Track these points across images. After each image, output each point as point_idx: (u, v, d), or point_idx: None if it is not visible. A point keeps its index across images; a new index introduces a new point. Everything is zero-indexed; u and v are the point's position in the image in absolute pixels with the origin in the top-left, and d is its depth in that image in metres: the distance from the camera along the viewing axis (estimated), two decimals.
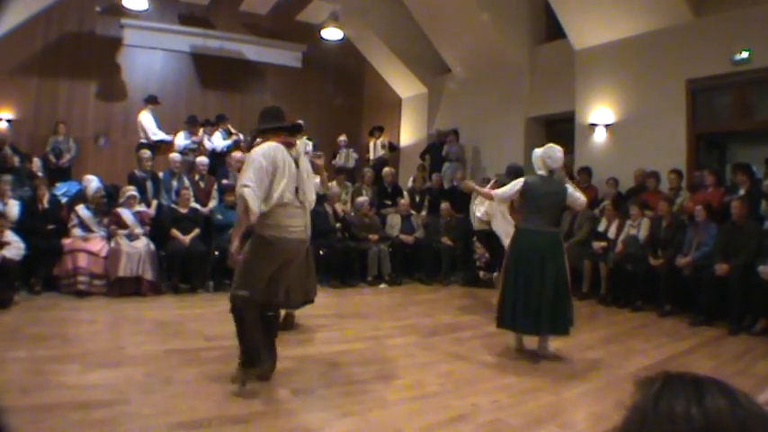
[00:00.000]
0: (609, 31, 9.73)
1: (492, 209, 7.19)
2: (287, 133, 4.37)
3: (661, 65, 9.15)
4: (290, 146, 4.29)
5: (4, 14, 9.49)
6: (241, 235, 4.17)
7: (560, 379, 4.69)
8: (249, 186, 3.97)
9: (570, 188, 5.53)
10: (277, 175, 4.11)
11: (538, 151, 5.62)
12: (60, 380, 4.15)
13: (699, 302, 7.10)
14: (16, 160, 9.15)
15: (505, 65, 11.74)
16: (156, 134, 10.35)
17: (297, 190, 4.24)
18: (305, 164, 4.37)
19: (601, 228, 8.75)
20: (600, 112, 10.06)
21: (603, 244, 8.42)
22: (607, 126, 9.98)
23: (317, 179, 4.79)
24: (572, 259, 8.51)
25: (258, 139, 4.53)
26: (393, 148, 13.26)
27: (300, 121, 4.95)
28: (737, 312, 6.66)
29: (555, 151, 5.52)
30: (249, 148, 5.22)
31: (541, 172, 5.55)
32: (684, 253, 7.46)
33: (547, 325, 5.18)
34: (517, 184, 5.57)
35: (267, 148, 4.14)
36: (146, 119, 10.42)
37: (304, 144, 5.54)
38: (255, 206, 3.98)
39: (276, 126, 4.35)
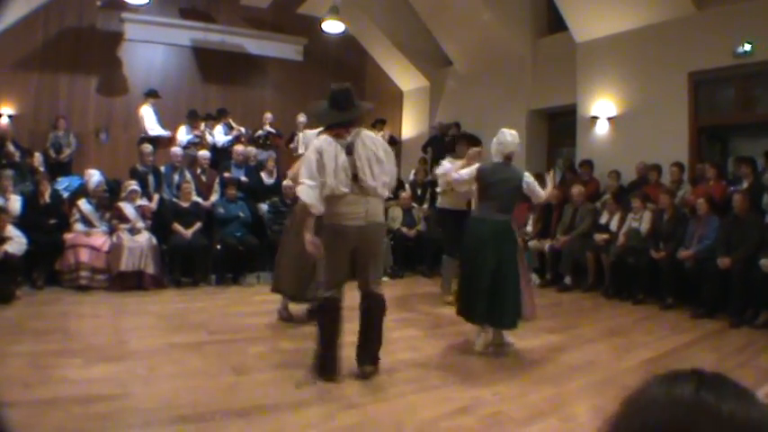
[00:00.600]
0: (611, 23, 9.69)
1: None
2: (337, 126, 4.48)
3: (663, 57, 9.11)
4: (339, 136, 4.40)
5: (4, 13, 9.49)
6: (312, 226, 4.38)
7: (562, 371, 4.69)
8: (303, 183, 4.25)
9: (529, 178, 5.38)
10: (326, 167, 4.25)
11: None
12: (62, 374, 4.16)
13: (700, 295, 7.09)
14: (17, 155, 9.16)
15: (507, 57, 11.70)
16: (153, 129, 10.33)
17: (355, 177, 4.30)
18: (366, 150, 4.38)
19: (602, 220, 8.74)
20: (602, 105, 10.03)
21: (605, 236, 8.42)
22: (609, 119, 9.95)
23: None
24: (575, 252, 8.58)
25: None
26: (394, 142, 13.23)
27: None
28: (739, 305, 6.65)
29: (506, 136, 5.44)
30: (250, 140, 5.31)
31: (497, 159, 5.45)
32: (686, 246, 7.44)
33: (491, 316, 5.07)
34: (472, 170, 5.49)
35: (318, 143, 4.40)
36: (146, 113, 10.41)
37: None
38: (311, 200, 4.21)
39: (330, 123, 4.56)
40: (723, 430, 0.75)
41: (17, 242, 6.86)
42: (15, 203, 7.68)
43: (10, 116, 11.29)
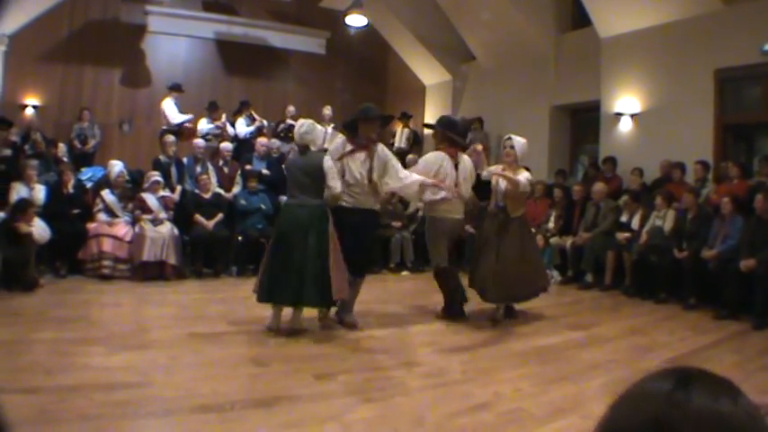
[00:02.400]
0: (636, 19, 9.57)
1: None
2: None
3: (689, 54, 8.99)
4: (452, 156, 6.14)
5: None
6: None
7: (583, 369, 4.65)
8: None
9: (327, 164, 5.39)
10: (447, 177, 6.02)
11: None
12: (85, 361, 4.20)
13: (723, 296, 6.95)
14: (43, 146, 9.26)
15: (531, 53, 11.62)
16: (176, 118, 10.35)
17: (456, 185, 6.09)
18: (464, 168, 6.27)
19: (623, 219, 8.64)
20: (626, 102, 9.92)
21: (627, 235, 8.32)
22: (633, 116, 9.84)
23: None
24: (596, 249, 8.51)
25: None
26: (417, 140, 13.16)
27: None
28: (763, 307, 6.51)
29: (300, 126, 5.55)
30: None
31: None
32: (710, 246, 7.32)
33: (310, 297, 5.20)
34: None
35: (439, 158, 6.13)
36: (168, 106, 10.45)
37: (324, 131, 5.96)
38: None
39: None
40: (691, 424, 0.75)
41: (41, 230, 6.95)
42: (40, 193, 7.77)
43: (35, 107, 11.43)
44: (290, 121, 11.24)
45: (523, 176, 6.16)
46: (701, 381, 0.81)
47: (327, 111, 11.31)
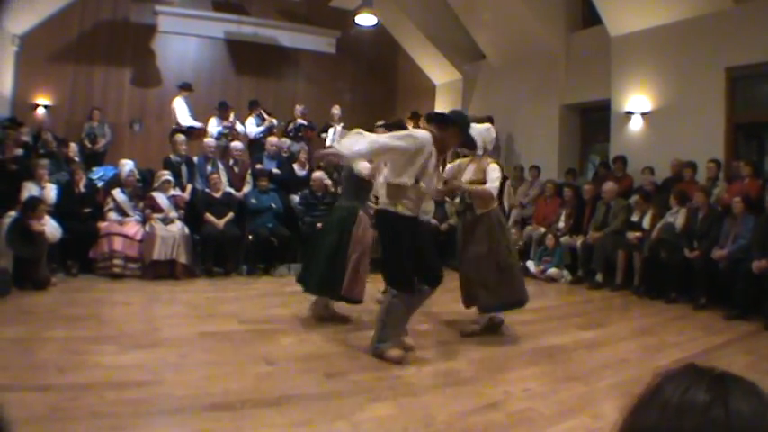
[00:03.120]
0: (646, 17, 9.52)
1: None
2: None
3: (700, 52, 8.93)
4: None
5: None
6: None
7: (593, 369, 4.63)
8: None
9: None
10: None
11: None
12: (96, 360, 4.22)
13: (734, 296, 6.91)
14: (54, 145, 9.31)
15: (541, 51, 11.59)
16: (186, 121, 10.40)
17: None
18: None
19: (634, 218, 8.59)
20: (636, 101, 9.88)
21: (638, 234, 8.28)
22: (643, 114, 9.80)
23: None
24: (607, 249, 8.48)
25: None
26: None
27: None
28: None
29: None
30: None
31: None
32: (721, 245, 7.28)
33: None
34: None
35: None
36: (178, 105, 10.49)
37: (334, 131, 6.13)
38: None
39: None
40: None
41: (52, 229, 7.00)
42: (51, 192, 7.82)
43: (47, 107, 11.49)
44: (299, 121, 11.26)
45: (492, 175, 5.40)
46: (736, 390, 0.81)
47: (336, 110, 11.33)
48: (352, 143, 4.40)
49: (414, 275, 4.60)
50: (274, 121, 11.03)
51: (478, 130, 5.37)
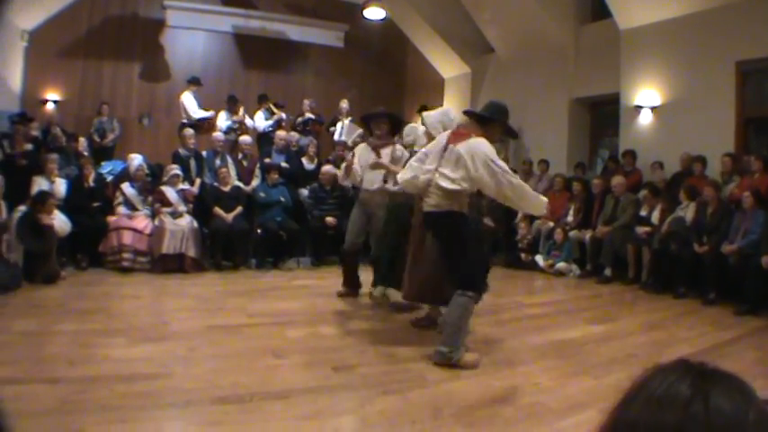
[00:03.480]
0: (656, 10, 9.46)
1: None
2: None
3: (710, 46, 8.87)
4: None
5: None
6: None
7: (602, 363, 4.62)
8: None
9: None
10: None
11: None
12: (106, 353, 4.24)
13: (744, 291, 6.85)
14: (63, 140, 9.35)
15: (550, 45, 11.55)
16: (197, 113, 10.41)
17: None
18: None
19: (643, 212, 8.56)
20: (646, 94, 9.83)
21: (647, 229, 8.25)
22: (653, 108, 9.75)
23: None
24: (615, 243, 8.45)
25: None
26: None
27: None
28: None
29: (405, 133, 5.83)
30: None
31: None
32: (731, 240, 7.24)
33: None
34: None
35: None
36: (187, 99, 10.50)
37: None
38: None
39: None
40: None
41: (62, 223, 7.04)
42: (60, 186, 7.86)
43: (56, 102, 11.53)
44: (308, 115, 11.26)
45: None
46: (718, 386, 0.80)
47: (344, 104, 11.34)
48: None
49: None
50: (283, 114, 11.03)
51: (435, 117, 5.42)
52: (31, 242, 6.70)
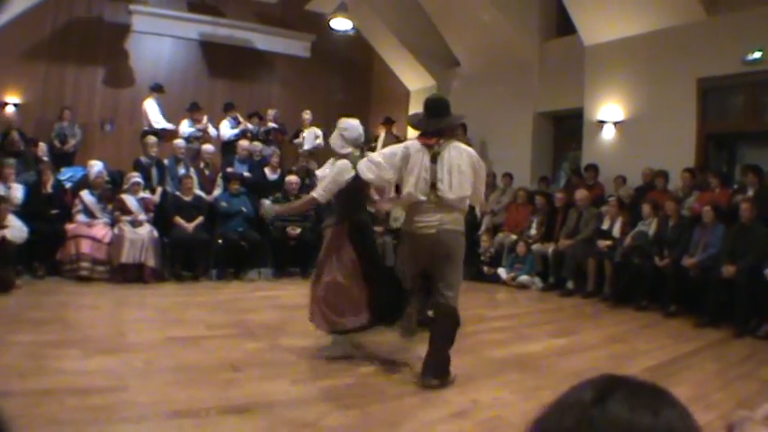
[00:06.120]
0: (620, 27, 9.62)
1: None
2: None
3: (672, 63, 9.05)
4: (428, 145, 4.40)
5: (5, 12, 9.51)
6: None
7: (563, 377, 4.63)
8: (368, 161, 4.48)
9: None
10: (410, 174, 4.35)
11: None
12: (59, 365, 4.14)
13: (704, 304, 6.99)
14: (21, 144, 9.15)
15: (515, 59, 11.65)
16: (159, 122, 10.29)
17: (433, 186, 4.31)
18: (450, 160, 4.35)
19: (604, 226, 8.66)
20: (609, 110, 9.97)
21: (608, 242, 8.34)
22: (616, 123, 9.89)
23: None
24: (578, 256, 8.53)
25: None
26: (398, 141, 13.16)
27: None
28: (743, 315, 6.55)
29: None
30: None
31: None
32: (691, 253, 7.37)
33: None
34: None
35: (406, 148, 4.47)
36: (150, 107, 10.37)
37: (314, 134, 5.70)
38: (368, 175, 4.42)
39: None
40: None
41: (17, 229, 6.87)
42: (17, 192, 7.68)
43: (16, 105, 11.31)
44: (270, 124, 11.22)
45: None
46: (621, 392, 0.81)
47: (307, 115, 11.41)
48: None
49: None
50: (250, 125, 10.96)
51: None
52: None
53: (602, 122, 10.05)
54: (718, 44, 8.46)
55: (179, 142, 9.52)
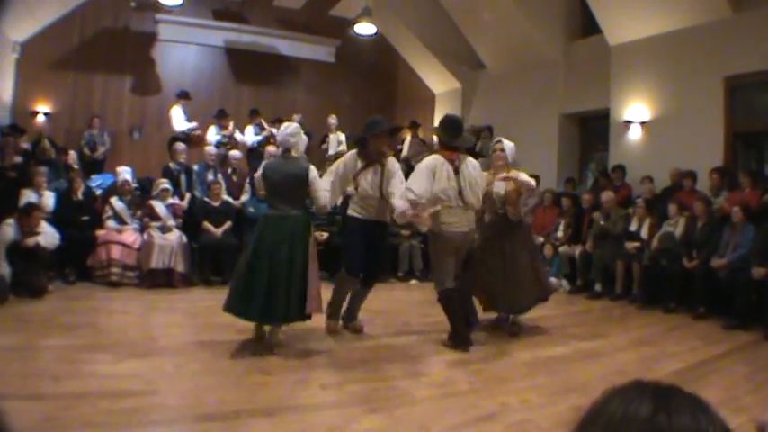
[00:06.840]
0: (645, 26, 9.54)
1: None
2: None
3: (698, 61, 8.95)
4: (450, 159, 5.35)
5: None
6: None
7: (591, 380, 4.60)
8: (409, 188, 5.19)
9: (313, 173, 5.25)
10: (439, 183, 5.24)
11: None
12: (91, 369, 4.20)
13: (734, 306, 6.86)
14: (53, 153, 9.30)
15: (540, 61, 11.61)
16: (180, 125, 10.39)
17: (459, 193, 5.30)
18: (468, 173, 5.38)
19: (632, 227, 8.56)
20: (635, 110, 9.88)
21: (636, 244, 8.26)
22: (642, 124, 9.80)
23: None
24: (605, 259, 8.45)
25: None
26: (429, 148, 13.15)
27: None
28: None
29: (286, 127, 5.56)
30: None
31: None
32: (720, 254, 7.27)
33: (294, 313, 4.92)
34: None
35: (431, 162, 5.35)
36: (175, 114, 10.50)
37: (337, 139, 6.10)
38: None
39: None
40: None
41: (50, 235, 6.98)
42: (49, 200, 7.82)
43: (46, 114, 11.51)
44: None
45: (523, 176, 6.19)
46: (677, 400, 0.81)
47: (333, 120, 11.43)
48: None
49: None
50: (274, 130, 11.02)
51: (510, 146, 6.44)
52: (21, 266, 6.62)
53: (629, 123, 9.95)
54: (745, 41, 8.35)
55: (210, 149, 9.61)
